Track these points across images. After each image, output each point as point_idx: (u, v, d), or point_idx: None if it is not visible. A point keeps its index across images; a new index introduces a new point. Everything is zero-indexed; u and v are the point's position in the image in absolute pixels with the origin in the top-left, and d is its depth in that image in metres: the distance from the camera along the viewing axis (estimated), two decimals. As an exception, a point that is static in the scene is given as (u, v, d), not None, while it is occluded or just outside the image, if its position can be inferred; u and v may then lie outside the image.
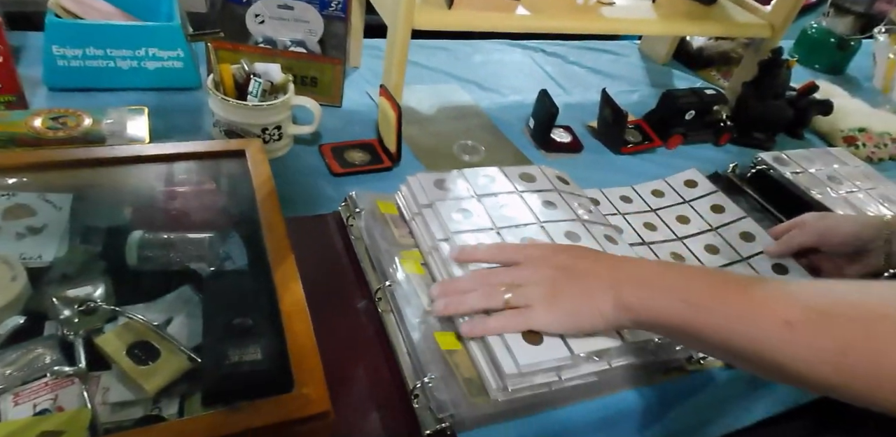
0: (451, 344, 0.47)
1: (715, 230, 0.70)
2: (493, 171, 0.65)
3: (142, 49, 0.74)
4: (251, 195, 0.54)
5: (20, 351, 0.40)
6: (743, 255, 0.67)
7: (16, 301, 0.42)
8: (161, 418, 0.39)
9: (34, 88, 0.73)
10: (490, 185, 0.62)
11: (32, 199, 0.51)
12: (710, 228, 0.71)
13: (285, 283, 0.45)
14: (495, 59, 1.12)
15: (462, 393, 0.44)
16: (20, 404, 0.37)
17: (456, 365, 0.46)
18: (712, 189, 0.76)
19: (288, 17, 0.84)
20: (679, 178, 0.79)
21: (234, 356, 0.39)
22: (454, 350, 0.47)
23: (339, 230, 0.62)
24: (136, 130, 0.64)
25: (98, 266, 0.48)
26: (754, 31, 0.96)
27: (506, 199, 0.61)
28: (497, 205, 0.59)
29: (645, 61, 1.23)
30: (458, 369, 0.46)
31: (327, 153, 0.73)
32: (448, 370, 0.45)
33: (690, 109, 0.89)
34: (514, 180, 0.64)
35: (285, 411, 0.36)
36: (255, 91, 0.66)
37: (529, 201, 0.61)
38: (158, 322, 0.43)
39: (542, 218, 0.59)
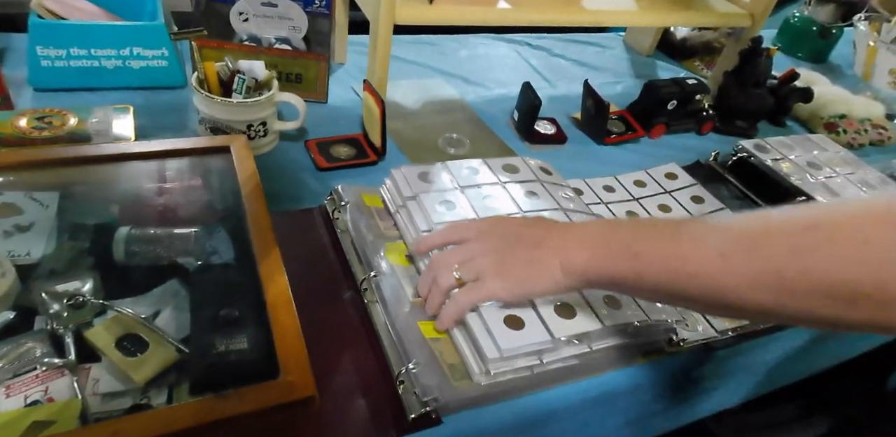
0: (435, 333, 0.48)
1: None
2: (477, 163, 0.66)
3: (126, 48, 0.74)
4: (237, 190, 0.55)
5: (11, 345, 0.40)
6: None
7: (5, 297, 0.43)
8: (150, 407, 0.40)
9: (19, 89, 0.73)
10: (473, 176, 0.63)
11: (19, 197, 0.51)
12: (691, 216, 0.72)
13: (270, 275, 0.46)
14: (481, 54, 1.12)
15: (445, 378, 0.45)
16: (12, 396, 0.38)
17: (440, 352, 0.47)
18: (692, 182, 0.78)
19: (272, 15, 0.84)
20: (660, 170, 0.81)
21: (221, 346, 0.40)
22: (437, 338, 0.48)
23: (325, 224, 0.63)
24: (122, 129, 0.64)
25: (86, 262, 0.48)
26: (735, 21, 0.98)
27: (489, 190, 0.62)
28: (480, 196, 0.60)
29: (629, 53, 1.24)
30: (442, 355, 0.47)
31: (313, 148, 0.74)
32: (432, 356, 0.46)
33: (672, 98, 0.90)
34: (497, 172, 0.65)
35: (271, 397, 0.37)
36: (239, 88, 0.67)
37: (512, 192, 0.62)
38: (146, 315, 0.44)
39: (525, 208, 0.60)
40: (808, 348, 0.69)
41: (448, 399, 0.44)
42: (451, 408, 0.45)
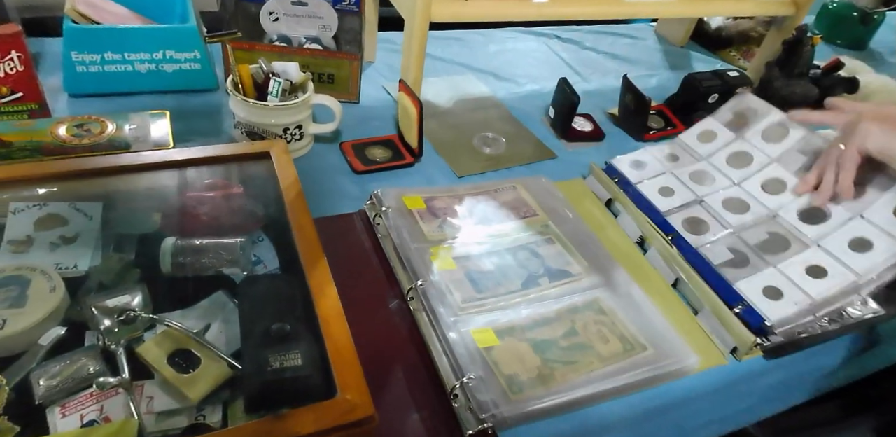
0: (489, 341, 0.47)
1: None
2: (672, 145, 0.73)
3: (159, 52, 0.74)
4: (278, 197, 0.54)
5: (64, 362, 0.40)
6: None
7: (56, 312, 0.43)
8: (206, 426, 0.39)
9: (55, 95, 0.73)
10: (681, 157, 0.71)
11: (63, 208, 0.51)
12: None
13: (320, 287, 0.45)
14: (509, 48, 1.10)
15: (502, 391, 0.44)
16: (68, 415, 0.38)
17: (495, 363, 0.46)
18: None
19: (302, 14, 0.83)
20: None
21: (275, 363, 0.39)
22: (492, 347, 0.47)
23: (365, 229, 0.62)
24: (160, 135, 0.63)
25: (132, 274, 0.48)
26: (778, 9, 0.94)
27: (694, 167, 0.69)
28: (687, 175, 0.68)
29: (662, 44, 1.21)
30: (498, 366, 0.45)
31: (348, 151, 0.73)
32: (487, 368, 0.45)
33: (714, 92, 0.87)
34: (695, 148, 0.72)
35: (330, 417, 0.36)
36: (275, 91, 0.66)
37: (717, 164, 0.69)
38: (197, 329, 0.43)
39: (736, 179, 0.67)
40: (864, 351, 0.67)
41: (505, 415, 0.42)
42: (509, 423, 0.44)
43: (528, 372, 0.46)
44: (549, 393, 0.45)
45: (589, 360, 0.49)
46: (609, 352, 0.50)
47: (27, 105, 0.65)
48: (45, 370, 0.39)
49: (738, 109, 0.75)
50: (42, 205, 0.50)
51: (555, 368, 0.47)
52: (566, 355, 0.49)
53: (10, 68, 0.62)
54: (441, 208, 0.62)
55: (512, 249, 0.59)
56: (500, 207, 0.64)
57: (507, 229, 0.61)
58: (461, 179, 0.73)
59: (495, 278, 0.55)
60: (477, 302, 0.52)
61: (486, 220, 0.62)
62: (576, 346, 0.50)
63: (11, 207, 0.49)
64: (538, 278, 0.56)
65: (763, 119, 0.72)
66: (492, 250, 0.58)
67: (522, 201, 0.66)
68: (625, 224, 0.67)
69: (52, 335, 0.41)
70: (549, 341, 0.49)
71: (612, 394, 0.49)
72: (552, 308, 0.53)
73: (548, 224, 0.63)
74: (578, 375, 0.47)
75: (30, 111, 0.66)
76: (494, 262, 0.57)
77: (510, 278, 0.55)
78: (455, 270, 0.54)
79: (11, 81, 0.63)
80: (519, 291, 0.54)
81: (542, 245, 0.60)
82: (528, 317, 0.51)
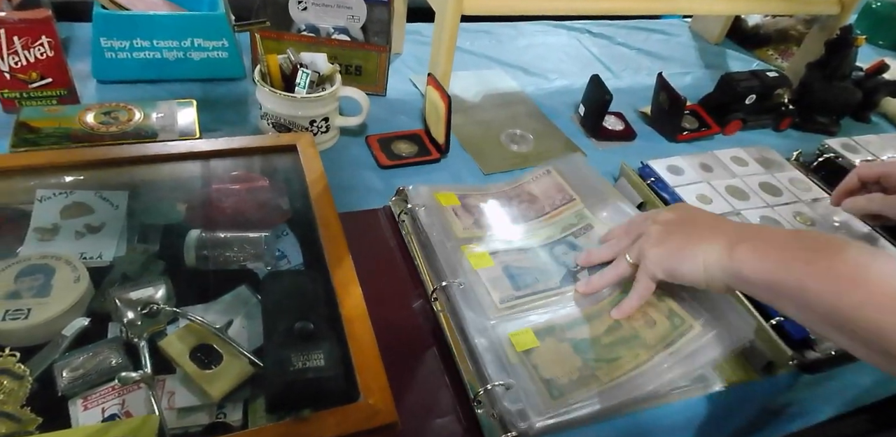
0: (528, 343, 0.46)
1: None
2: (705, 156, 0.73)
3: (187, 39, 0.73)
4: (303, 191, 0.53)
5: (87, 354, 0.40)
6: None
7: (80, 303, 0.43)
8: (227, 424, 0.38)
9: (84, 81, 0.73)
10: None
11: (90, 197, 0.51)
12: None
13: (345, 285, 0.44)
14: (539, 42, 1.07)
15: (540, 396, 0.42)
16: (90, 408, 0.38)
17: (535, 367, 0.44)
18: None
19: (331, 3, 0.81)
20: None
21: (298, 362, 0.38)
22: (531, 349, 0.46)
23: (390, 225, 0.61)
24: (186, 124, 0.63)
25: (157, 266, 0.47)
26: (822, 8, 0.90)
27: (729, 182, 0.69)
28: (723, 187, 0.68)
29: (697, 41, 1.17)
30: (537, 370, 0.44)
31: (374, 145, 0.71)
32: (526, 372, 0.44)
33: (751, 93, 0.84)
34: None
35: (352, 421, 0.35)
36: (303, 83, 0.65)
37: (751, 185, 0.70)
38: (220, 325, 0.43)
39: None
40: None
41: (534, 424, 0.41)
42: (533, 434, 0.42)
43: (568, 374, 0.44)
44: (589, 396, 0.43)
45: (634, 352, 0.46)
46: (656, 337, 0.47)
47: (56, 91, 0.65)
48: (68, 362, 0.39)
49: (763, 156, 0.78)
50: (68, 193, 0.50)
51: (597, 367, 0.45)
52: (609, 352, 0.47)
53: (40, 54, 0.62)
54: (474, 206, 0.61)
55: (548, 245, 0.57)
56: (534, 201, 0.62)
57: (542, 224, 0.59)
58: (487, 176, 0.72)
59: (533, 275, 0.53)
60: (515, 300, 0.50)
61: (521, 217, 0.60)
62: (619, 340, 0.47)
63: (38, 194, 0.49)
64: (577, 274, 0.54)
65: (784, 172, 0.75)
66: (527, 247, 0.56)
67: (559, 187, 0.63)
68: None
69: (76, 326, 0.41)
70: (590, 340, 0.47)
71: (659, 392, 0.47)
72: (594, 305, 0.51)
73: (585, 211, 0.60)
74: (623, 372, 0.45)
75: (59, 97, 0.65)
76: (531, 259, 0.55)
77: (548, 274, 0.53)
78: (493, 267, 0.53)
79: (41, 67, 0.63)
80: (557, 288, 0.52)
81: (580, 236, 0.58)
82: (568, 316, 0.50)
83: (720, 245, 0.44)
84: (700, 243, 0.45)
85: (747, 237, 0.44)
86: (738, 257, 0.43)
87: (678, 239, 0.47)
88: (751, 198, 0.69)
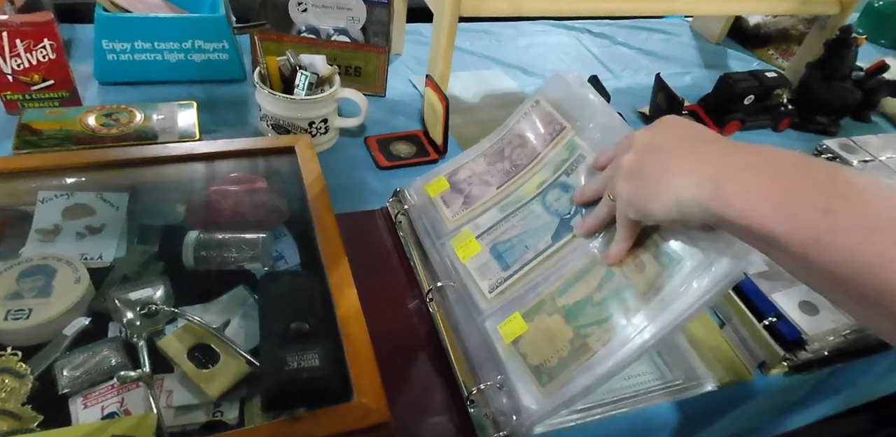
0: (517, 330, 0.45)
1: None
2: None
3: (188, 41, 0.74)
4: (301, 193, 0.54)
5: (87, 353, 0.41)
6: None
7: (80, 303, 0.43)
8: (223, 423, 0.39)
9: (86, 82, 0.73)
10: None
11: (91, 198, 0.51)
12: None
13: (340, 286, 0.44)
14: (539, 42, 1.08)
15: (533, 386, 0.42)
16: (89, 406, 0.38)
17: (524, 355, 0.44)
18: None
19: (330, 5, 0.82)
20: None
21: (293, 362, 0.39)
22: (520, 337, 0.45)
23: (387, 226, 0.61)
24: (186, 126, 0.64)
25: (156, 266, 0.48)
26: (822, 8, 0.90)
27: None
28: None
29: (697, 40, 1.17)
30: (527, 358, 0.43)
31: (373, 146, 0.72)
32: (515, 364, 0.43)
33: (750, 93, 0.85)
34: None
35: (345, 421, 0.36)
36: (302, 85, 0.66)
37: None
38: (217, 325, 0.43)
39: None
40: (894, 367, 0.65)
41: (525, 422, 0.42)
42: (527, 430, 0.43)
43: (558, 352, 0.42)
44: (580, 372, 0.41)
45: (625, 306, 0.42)
46: (646, 283, 0.41)
47: (58, 93, 0.66)
48: (69, 361, 0.40)
49: None
50: (70, 194, 0.51)
51: (588, 334, 0.42)
52: (601, 311, 0.43)
53: (42, 56, 0.63)
54: (464, 179, 0.58)
55: (540, 194, 0.52)
56: (526, 143, 0.56)
57: (535, 170, 0.54)
58: (485, 177, 0.72)
59: (523, 243, 0.50)
60: (504, 283, 0.49)
61: (513, 167, 0.56)
62: (612, 294, 0.43)
63: (40, 195, 0.50)
64: (570, 221, 0.49)
65: None
66: (518, 205, 0.53)
67: (548, 117, 0.56)
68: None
69: (76, 326, 0.42)
70: (583, 301, 0.44)
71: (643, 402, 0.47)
72: (585, 257, 0.46)
73: (575, 139, 0.53)
74: (613, 332, 0.41)
75: (61, 99, 0.66)
76: (521, 219, 0.52)
77: (540, 233, 0.50)
78: (481, 252, 0.52)
79: (43, 69, 0.64)
80: (549, 247, 0.48)
81: (571, 172, 0.52)
82: (560, 278, 0.46)
83: (699, 177, 0.34)
84: (673, 174, 0.36)
85: (735, 168, 0.33)
86: (723, 196, 0.32)
87: (649, 170, 0.37)
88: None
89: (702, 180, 0.34)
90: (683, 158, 0.36)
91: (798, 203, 0.30)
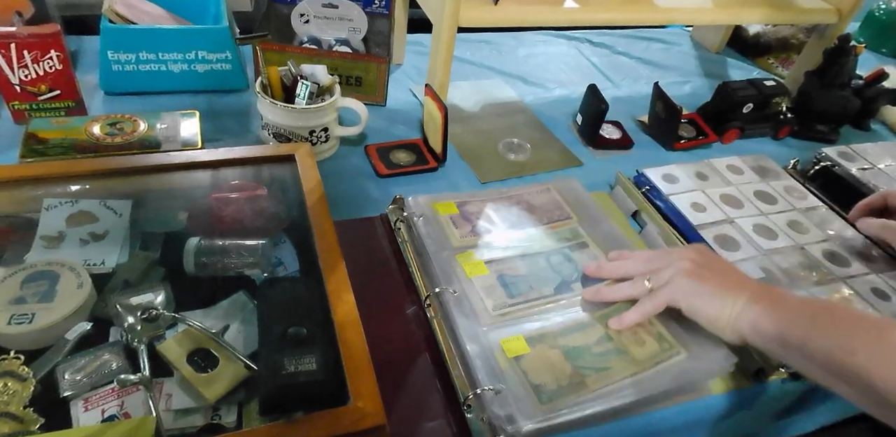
0: (519, 350, 0.47)
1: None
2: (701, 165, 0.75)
3: (192, 52, 0.75)
4: (301, 200, 0.55)
5: (88, 357, 0.41)
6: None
7: (83, 308, 0.44)
8: (221, 426, 0.40)
9: (91, 92, 0.75)
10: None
11: (94, 205, 0.52)
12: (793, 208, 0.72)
13: (338, 292, 0.45)
14: (539, 52, 1.09)
15: (529, 401, 0.43)
16: (90, 409, 0.39)
17: (524, 372, 0.45)
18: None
19: (332, 16, 0.83)
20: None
21: (290, 366, 0.39)
22: (522, 356, 0.47)
23: (387, 233, 0.62)
24: (189, 135, 0.65)
25: (157, 272, 0.49)
26: (820, 17, 0.91)
27: (724, 190, 0.71)
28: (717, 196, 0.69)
29: (697, 50, 1.18)
30: (527, 376, 0.45)
31: (373, 154, 0.73)
32: (516, 378, 0.45)
33: (749, 102, 0.85)
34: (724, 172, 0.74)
35: (341, 424, 0.36)
36: (302, 94, 0.67)
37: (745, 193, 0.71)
38: (216, 330, 0.44)
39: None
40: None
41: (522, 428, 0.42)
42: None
43: (557, 381, 0.46)
44: (578, 402, 0.44)
45: (623, 365, 0.48)
46: (645, 355, 0.49)
47: (65, 102, 0.67)
48: (71, 364, 0.40)
49: (759, 164, 0.78)
50: (74, 202, 0.52)
51: (587, 375, 0.46)
52: (599, 361, 0.48)
53: (49, 67, 0.64)
54: (474, 212, 0.62)
55: (545, 253, 0.58)
56: (533, 211, 0.63)
57: (540, 233, 0.60)
58: (485, 185, 0.73)
59: (528, 283, 0.54)
60: (508, 308, 0.51)
61: (519, 223, 0.61)
62: (609, 352, 0.49)
63: (45, 203, 0.51)
64: (571, 284, 0.55)
65: (779, 181, 0.76)
66: (525, 254, 0.57)
67: (557, 204, 0.65)
68: (649, 237, 0.66)
69: (78, 330, 0.43)
70: (582, 348, 0.49)
71: (647, 402, 0.48)
72: (585, 314, 0.52)
73: (580, 229, 0.62)
74: (612, 381, 0.46)
75: (67, 108, 0.68)
76: (527, 265, 0.56)
77: (543, 282, 0.55)
78: (487, 275, 0.54)
79: (50, 79, 0.65)
80: (551, 296, 0.53)
81: (575, 250, 0.59)
82: (561, 323, 0.51)
83: (745, 299, 0.48)
84: (730, 291, 0.49)
85: (765, 295, 0.48)
86: (757, 310, 0.47)
87: (713, 282, 0.49)
88: (745, 206, 0.69)
89: (745, 301, 0.48)
90: (734, 281, 0.50)
91: (797, 315, 0.46)
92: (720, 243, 0.63)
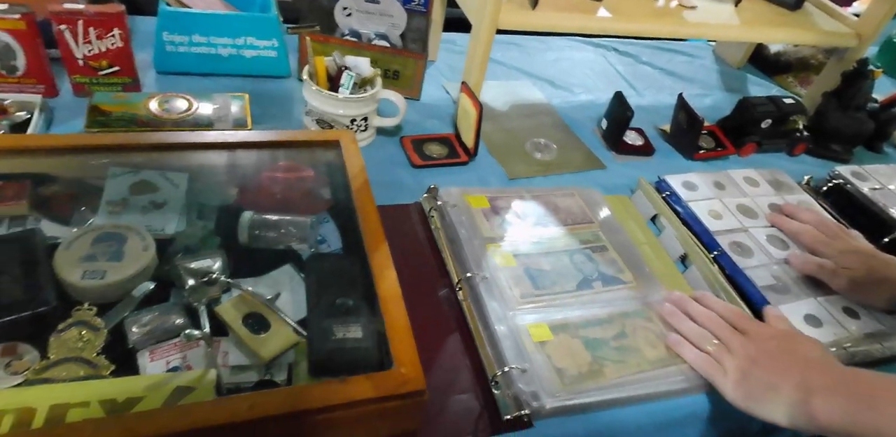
0: (543, 336, 0.51)
1: None
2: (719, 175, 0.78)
3: (241, 38, 0.79)
4: (344, 183, 0.58)
5: (153, 313, 0.45)
6: None
7: (147, 268, 0.48)
8: (275, 383, 0.43)
9: (144, 71, 0.78)
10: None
11: (155, 176, 0.56)
12: None
13: (381, 269, 0.48)
14: (567, 57, 1.12)
15: (553, 381, 0.47)
16: (155, 360, 0.42)
17: (548, 356, 0.49)
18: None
19: (374, 11, 0.87)
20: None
21: (339, 333, 0.43)
22: (546, 341, 0.51)
23: (420, 220, 0.65)
24: (239, 116, 0.68)
25: (213, 241, 0.52)
26: (840, 40, 0.94)
27: (740, 200, 0.74)
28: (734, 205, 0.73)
29: (719, 64, 1.22)
30: (552, 359, 0.49)
31: (408, 145, 0.76)
32: (540, 360, 0.49)
33: (767, 118, 0.89)
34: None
35: (387, 386, 0.40)
36: (347, 84, 0.70)
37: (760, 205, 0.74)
38: (269, 296, 0.47)
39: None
40: None
41: (545, 405, 0.45)
42: (544, 414, 0.47)
43: (578, 367, 0.49)
44: (598, 387, 0.48)
45: (637, 361, 0.52)
46: (655, 357, 0.53)
47: (122, 79, 0.71)
48: (137, 319, 0.44)
49: (775, 178, 0.82)
50: (136, 171, 0.55)
51: (605, 365, 0.50)
52: (616, 354, 0.52)
53: (111, 44, 0.68)
54: (503, 207, 0.66)
55: (568, 251, 0.62)
56: (558, 211, 0.67)
57: (563, 233, 0.64)
58: (511, 181, 0.76)
59: (551, 278, 0.58)
60: (534, 297, 0.55)
61: (545, 221, 0.65)
62: (625, 347, 0.53)
63: (110, 171, 0.55)
64: (592, 282, 0.59)
65: (794, 195, 0.80)
66: (549, 251, 0.61)
67: (580, 208, 0.69)
68: (667, 242, 0.69)
69: (144, 289, 0.46)
70: (601, 340, 0.53)
71: (655, 396, 0.51)
72: (604, 310, 0.56)
73: (600, 233, 0.66)
74: (628, 372, 0.50)
75: (124, 84, 0.71)
76: (551, 262, 0.60)
77: (566, 278, 0.58)
78: (515, 266, 0.57)
79: (111, 56, 0.68)
80: (573, 291, 0.57)
81: (596, 251, 0.63)
82: (581, 316, 0.54)
83: (800, 395, 0.47)
84: (783, 384, 0.48)
85: (825, 386, 0.47)
86: (814, 406, 0.46)
87: (756, 384, 0.49)
88: (759, 217, 0.73)
89: (800, 397, 0.47)
90: (780, 375, 0.49)
91: (864, 405, 0.45)
92: (735, 250, 0.67)
